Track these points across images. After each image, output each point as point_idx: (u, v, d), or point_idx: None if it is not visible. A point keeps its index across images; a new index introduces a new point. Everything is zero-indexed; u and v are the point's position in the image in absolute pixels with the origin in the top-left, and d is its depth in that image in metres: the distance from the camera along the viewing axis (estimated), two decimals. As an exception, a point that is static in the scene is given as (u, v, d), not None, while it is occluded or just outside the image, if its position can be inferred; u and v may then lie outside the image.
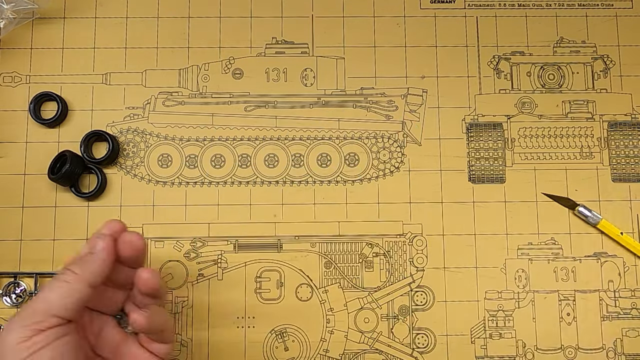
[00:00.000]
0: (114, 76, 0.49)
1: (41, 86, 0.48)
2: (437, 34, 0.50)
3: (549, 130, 0.49)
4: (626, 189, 0.49)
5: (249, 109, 0.49)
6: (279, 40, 0.50)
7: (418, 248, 0.47)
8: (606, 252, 0.48)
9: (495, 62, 0.50)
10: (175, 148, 0.48)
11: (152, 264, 0.47)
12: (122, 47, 0.49)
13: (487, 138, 0.49)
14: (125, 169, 0.48)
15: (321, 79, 0.49)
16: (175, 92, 0.49)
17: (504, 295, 0.47)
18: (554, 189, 0.48)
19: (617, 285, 0.47)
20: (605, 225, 0.47)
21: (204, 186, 0.48)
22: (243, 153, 0.48)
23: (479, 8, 0.51)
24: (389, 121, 0.49)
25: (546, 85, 0.50)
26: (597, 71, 0.50)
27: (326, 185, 0.48)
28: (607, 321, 0.47)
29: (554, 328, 0.47)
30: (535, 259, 0.48)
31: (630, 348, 0.47)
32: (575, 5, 0.51)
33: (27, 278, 0.46)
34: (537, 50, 0.50)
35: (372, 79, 0.49)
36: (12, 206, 0.47)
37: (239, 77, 0.49)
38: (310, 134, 0.49)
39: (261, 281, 0.47)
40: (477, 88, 0.50)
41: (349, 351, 0.46)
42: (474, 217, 0.48)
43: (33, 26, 0.49)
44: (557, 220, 0.48)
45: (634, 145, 0.49)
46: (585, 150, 0.49)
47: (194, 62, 0.49)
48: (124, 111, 0.48)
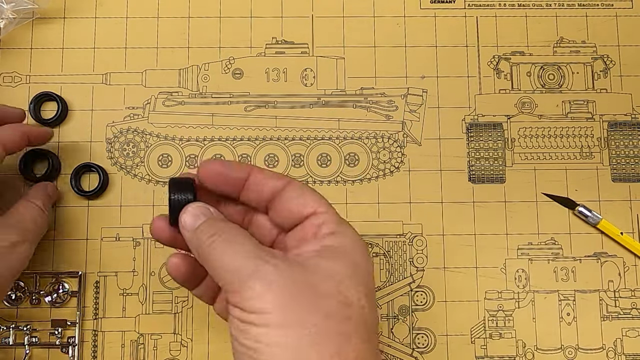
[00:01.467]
0: (114, 76, 0.49)
1: (41, 86, 0.48)
2: (437, 34, 0.50)
3: (549, 130, 0.49)
4: (626, 189, 0.49)
5: (249, 109, 0.49)
6: (279, 40, 0.50)
7: (418, 248, 0.47)
8: (606, 252, 0.48)
9: (495, 62, 0.50)
10: (175, 148, 0.48)
11: (152, 264, 0.47)
12: (122, 47, 0.49)
13: (487, 138, 0.49)
14: (125, 169, 0.48)
15: (321, 79, 0.49)
16: (175, 92, 0.49)
17: (504, 295, 0.47)
18: (554, 189, 0.48)
19: (617, 285, 0.47)
20: (605, 225, 0.47)
21: (204, 186, 0.48)
22: (243, 153, 0.48)
23: (479, 8, 0.51)
24: (389, 121, 0.49)
25: (546, 85, 0.50)
26: (597, 71, 0.50)
27: (326, 185, 0.48)
28: (607, 321, 0.47)
29: (554, 328, 0.47)
30: (535, 259, 0.48)
31: (630, 348, 0.47)
32: (575, 5, 0.51)
33: (26, 278, 0.46)
34: (537, 50, 0.50)
35: (372, 79, 0.49)
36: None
37: (239, 77, 0.49)
38: (310, 134, 0.49)
39: (261, 281, 0.47)
40: (477, 88, 0.50)
41: (349, 351, 0.46)
42: (474, 217, 0.48)
43: (33, 26, 0.49)
44: (557, 220, 0.48)
45: (634, 145, 0.49)
46: (585, 150, 0.49)
47: (194, 62, 0.49)
48: (124, 111, 0.48)
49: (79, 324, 0.45)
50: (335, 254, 0.31)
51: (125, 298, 0.46)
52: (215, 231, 0.32)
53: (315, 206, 0.33)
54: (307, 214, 0.33)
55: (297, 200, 0.33)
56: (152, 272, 0.47)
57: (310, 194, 0.34)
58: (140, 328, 0.46)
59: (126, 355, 0.46)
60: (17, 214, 0.41)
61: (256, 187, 0.34)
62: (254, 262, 0.30)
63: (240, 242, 0.31)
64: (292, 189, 0.34)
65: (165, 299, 0.46)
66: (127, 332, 0.46)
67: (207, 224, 0.33)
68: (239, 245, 0.31)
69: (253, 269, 0.29)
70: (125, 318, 0.46)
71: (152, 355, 0.46)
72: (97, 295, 0.46)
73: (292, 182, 0.34)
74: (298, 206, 0.33)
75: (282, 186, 0.34)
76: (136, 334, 0.46)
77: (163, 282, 0.47)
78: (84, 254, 0.46)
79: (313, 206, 0.33)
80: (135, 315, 0.46)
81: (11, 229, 0.40)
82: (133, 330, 0.46)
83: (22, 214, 0.41)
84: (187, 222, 0.33)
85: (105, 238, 0.47)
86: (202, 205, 0.34)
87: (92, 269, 0.46)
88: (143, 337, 0.46)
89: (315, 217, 0.33)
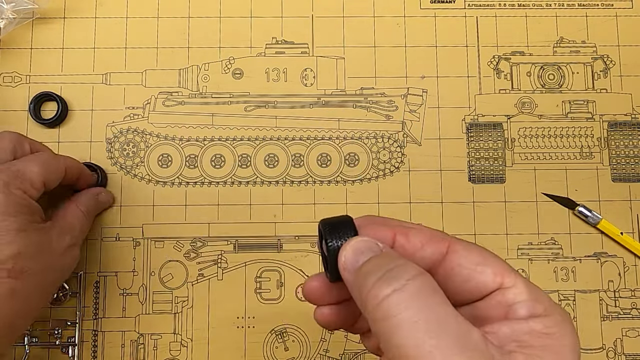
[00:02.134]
0: (114, 76, 0.49)
1: (41, 86, 0.48)
2: (437, 34, 0.50)
3: (549, 130, 0.49)
4: (626, 189, 0.49)
5: (249, 109, 0.49)
6: (279, 40, 0.50)
7: (418, 248, 0.47)
8: (606, 252, 0.48)
9: (495, 62, 0.50)
10: (175, 148, 0.48)
11: (152, 264, 0.47)
12: (122, 47, 0.49)
13: (487, 138, 0.49)
14: (125, 169, 0.48)
15: (321, 79, 0.49)
16: (175, 92, 0.49)
17: (504, 295, 0.47)
18: (554, 189, 0.48)
19: (617, 285, 0.47)
20: (605, 225, 0.47)
21: (204, 186, 0.48)
22: (243, 153, 0.48)
23: (479, 8, 0.51)
24: (389, 121, 0.49)
25: (546, 85, 0.50)
26: (597, 71, 0.50)
27: (326, 185, 0.48)
28: (607, 321, 0.47)
29: (554, 328, 0.47)
30: (535, 259, 0.48)
31: (630, 348, 0.47)
32: (575, 5, 0.51)
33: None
34: (537, 50, 0.50)
35: (372, 79, 0.49)
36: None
37: (239, 77, 0.49)
38: (310, 134, 0.49)
39: (261, 281, 0.47)
40: (477, 88, 0.50)
41: (349, 351, 0.46)
42: (474, 217, 0.48)
43: (33, 26, 0.49)
44: (557, 220, 0.48)
45: (634, 145, 0.49)
46: (585, 150, 0.49)
47: (194, 62, 0.49)
48: (124, 111, 0.48)
49: (78, 324, 0.45)
50: (544, 349, 0.23)
51: (125, 298, 0.46)
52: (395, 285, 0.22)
53: (501, 276, 0.25)
54: (492, 288, 0.25)
55: (475, 267, 0.25)
56: (152, 272, 0.47)
57: (492, 258, 0.25)
58: (140, 328, 0.46)
59: (126, 355, 0.46)
60: (67, 218, 0.42)
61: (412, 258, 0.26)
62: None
63: (440, 314, 0.22)
64: (462, 250, 0.25)
65: (165, 299, 0.46)
66: (127, 332, 0.46)
67: (376, 261, 0.24)
68: (435, 323, 0.21)
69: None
70: (125, 318, 0.46)
71: (152, 355, 0.46)
72: (97, 295, 0.46)
73: (456, 242, 0.26)
74: (476, 276, 0.25)
75: (445, 249, 0.26)
76: (136, 334, 0.46)
77: (163, 282, 0.47)
78: (83, 254, 0.46)
79: (498, 276, 0.25)
80: (135, 315, 0.46)
81: (65, 233, 0.40)
82: (133, 330, 0.46)
83: (71, 219, 0.42)
84: (347, 257, 0.25)
85: (105, 238, 0.47)
86: (368, 238, 0.26)
87: (92, 269, 0.46)
88: (143, 337, 0.46)
89: (503, 292, 0.25)
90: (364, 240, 0.25)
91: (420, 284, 0.22)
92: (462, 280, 0.25)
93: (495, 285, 0.24)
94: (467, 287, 0.25)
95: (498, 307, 0.24)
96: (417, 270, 0.23)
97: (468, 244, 0.26)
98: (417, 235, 0.26)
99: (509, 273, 0.25)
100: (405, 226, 0.26)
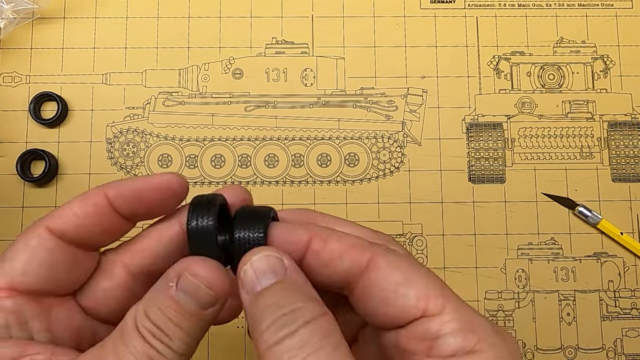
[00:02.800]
0: (114, 76, 0.49)
1: (41, 86, 0.48)
2: (437, 34, 0.50)
3: (549, 130, 0.49)
4: (626, 189, 0.49)
5: (249, 109, 0.49)
6: (279, 40, 0.50)
7: (418, 248, 0.47)
8: (606, 252, 0.48)
9: (495, 62, 0.50)
10: (175, 148, 0.48)
11: (152, 264, 0.47)
12: (122, 47, 0.49)
13: (487, 138, 0.49)
14: (125, 169, 0.48)
15: (321, 79, 0.49)
16: (175, 92, 0.49)
17: (503, 295, 0.47)
18: (554, 189, 0.48)
19: (617, 285, 0.47)
20: (605, 225, 0.47)
21: (204, 186, 0.48)
22: (243, 153, 0.48)
23: (479, 8, 0.51)
24: (389, 121, 0.49)
25: (546, 85, 0.50)
26: (597, 71, 0.50)
27: (326, 185, 0.48)
28: (607, 321, 0.47)
29: (554, 328, 0.47)
30: (535, 259, 0.48)
31: (630, 348, 0.47)
32: (575, 5, 0.51)
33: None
34: (537, 50, 0.50)
35: (372, 79, 0.49)
36: (11, 206, 0.47)
37: (239, 77, 0.49)
38: (310, 134, 0.49)
39: (261, 281, 0.47)
40: (477, 88, 0.50)
41: (349, 351, 0.46)
42: (473, 217, 0.48)
43: (33, 26, 0.49)
44: (557, 220, 0.48)
45: (634, 145, 0.49)
46: (585, 150, 0.49)
47: (194, 62, 0.49)
48: (124, 111, 0.48)
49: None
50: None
51: (125, 298, 0.46)
52: (286, 320, 0.20)
53: (425, 301, 0.21)
54: (414, 315, 0.21)
55: (396, 288, 0.21)
56: (152, 272, 0.47)
57: (418, 278, 0.21)
58: (140, 328, 0.46)
59: (126, 355, 0.45)
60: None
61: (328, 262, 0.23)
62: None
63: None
64: (384, 266, 0.21)
65: (165, 299, 0.46)
66: (127, 332, 0.46)
67: (275, 293, 0.21)
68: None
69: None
70: (125, 318, 0.46)
71: (152, 355, 0.46)
72: (97, 295, 0.46)
73: (381, 255, 0.22)
74: (397, 299, 0.21)
75: (367, 262, 0.22)
76: (136, 334, 0.46)
77: (163, 282, 0.46)
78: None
79: (421, 301, 0.21)
80: (135, 315, 0.46)
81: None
82: (133, 330, 0.46)
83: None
84: (247, 276, 0.22)
85: (105, 238, 0.47)
86: (274, 254, 0.22)
87: (92, 269, 0.46)
88: (143, 337, 0.46)
89: (426, 321, 0.21)
90: (268, 256, 0.22)
91: (314, 329, 0.20)
92: (380, 302, 0.21)
93: (417, 312, 0.21)
94: (386, 311, 0.21)
95: (421, 340, 0.20)
96: (315, 312, 0.20)
97: (397, 258, 0.22)
98: (336, 242, 0.22)
99: (436, 297, 0.21)
100: (328, 229, 0.23)
